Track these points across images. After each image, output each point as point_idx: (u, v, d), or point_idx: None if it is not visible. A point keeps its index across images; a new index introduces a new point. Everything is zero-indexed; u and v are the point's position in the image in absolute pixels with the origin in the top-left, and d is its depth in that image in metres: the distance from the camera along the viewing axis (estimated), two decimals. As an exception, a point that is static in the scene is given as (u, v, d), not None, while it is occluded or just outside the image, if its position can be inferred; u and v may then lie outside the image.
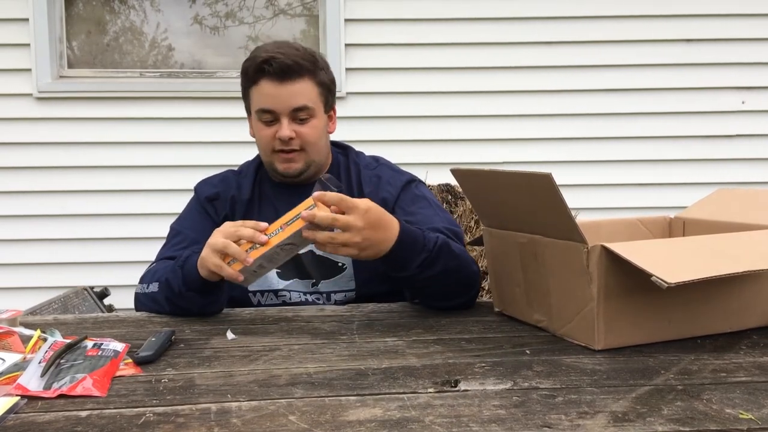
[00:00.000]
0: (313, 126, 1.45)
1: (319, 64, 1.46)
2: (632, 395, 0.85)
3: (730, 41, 3.25)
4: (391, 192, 1.47)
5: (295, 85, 1.41)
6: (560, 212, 1.02)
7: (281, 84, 1.40)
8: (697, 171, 3.29)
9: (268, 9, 3.32)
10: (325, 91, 1.48)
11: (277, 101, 1.41)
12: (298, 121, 1.43)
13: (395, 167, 1.58)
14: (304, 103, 1.42)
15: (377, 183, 1.50)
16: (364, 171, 1.53)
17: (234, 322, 1.25)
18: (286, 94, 1.41)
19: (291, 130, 1.42)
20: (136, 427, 0.77)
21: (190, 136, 3.17)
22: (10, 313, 1.17)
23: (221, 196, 1.51)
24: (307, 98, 1.43)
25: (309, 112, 1.43)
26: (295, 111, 1.42)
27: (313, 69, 1.44)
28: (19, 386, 0.87)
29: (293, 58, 1.40)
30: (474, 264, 1.33)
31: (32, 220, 3.16)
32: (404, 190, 1.49)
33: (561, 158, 3.26)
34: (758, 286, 1.12)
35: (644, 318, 1.04)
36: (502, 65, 3.24)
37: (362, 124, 3.17)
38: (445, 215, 1.47)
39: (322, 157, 1.51)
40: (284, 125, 1.42)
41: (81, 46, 3.29)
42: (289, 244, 1.17)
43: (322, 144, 1.50)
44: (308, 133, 1.44)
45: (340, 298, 1.45)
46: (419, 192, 1.51)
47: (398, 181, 1.50)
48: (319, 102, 1.46)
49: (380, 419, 0.78)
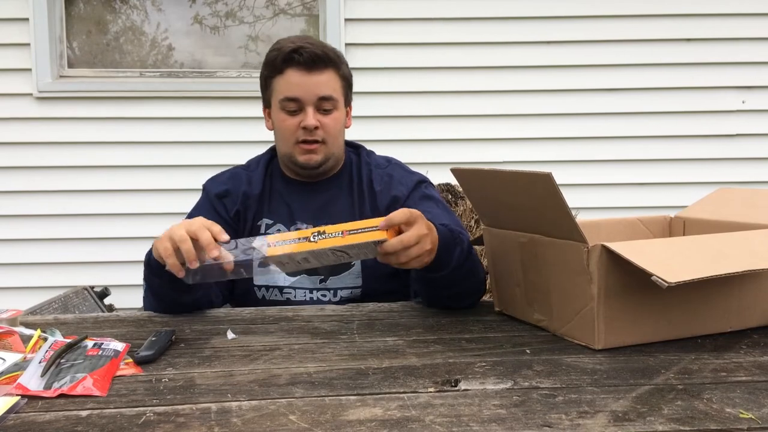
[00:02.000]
0: (336, 118, 1.47)
1: (342, 58, 1.50)
2: (632, 395, 0.85)
3: (730, 41, 3.25)
4: (402, 191, 1.49)
5: (323, 74, 1.44)
6: (560, 212, 1.02)
7: (309, 73, 1.43)
8: (697, 171, 3.29)
9: (268, 9, 3.31)
10: (346, 86, 1.51)
11: (304, 90, 1.43)
12: (323, 111, 1.45)
13: (406, 167, 1.59)
14: (330, 93, 1.45)
15: (389, 182, 1.51)
16: (375, 170, 1.54)
17: (234, 321, 1.25)
18: (313, 83, 1.43)
19: (316, 120, 1.44)
20: (137, 426, 0.77)
21: (190, 135, 3.17)
22: (10, 313, 1.17)
23: (232, 192, 1.51)
24: (333, 89, 1.46)
25: (333, 103, 1.46)
26: (320, 100, 1.44)
27: (337, 62, 1.48)
28: (20, 386, 0.87)
29: (322, 49, 1.44)
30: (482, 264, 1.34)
31: (32, 220, 3.16)
32: (415, 189, 1.51)
33: (561, 158, 3.26)
34: (758, 286, 1.12)
35: (644, 317, 1.04)
36: (502, 65, 3.24)
37: (362, 123, 3.15)
38: (453, 217, 1.48)
39: (340, 151, 1.53)
40: (309, 114, 1.43)
41: (81, 45, 3.29)
42: (342, 252, 1.11)
43: (341, 138, 1.52)
44: (331, 124, 1.46)
45: (346, 294, 1.45)
46: (429, 192, 1.52)
47: (410, 181, 1.52)
48: (341, 95, 1.49)
49: (380, 419, 0.78)
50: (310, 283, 1.45)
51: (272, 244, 1.10)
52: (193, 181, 1.60)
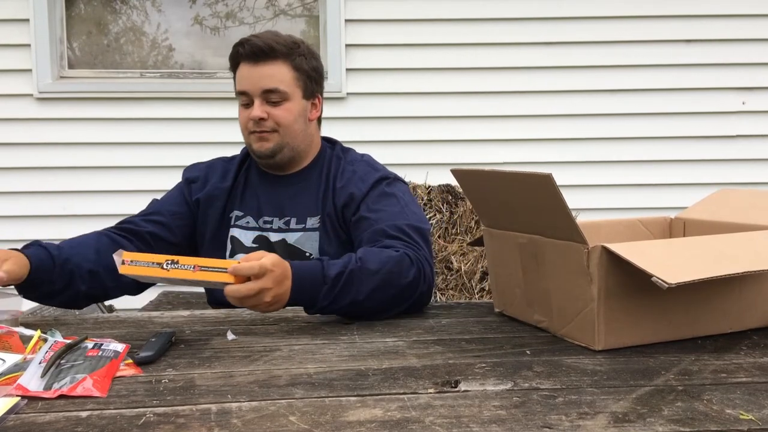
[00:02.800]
0: (287, 109, 1.48)
1: (299, 50, 1.50)
2: (632, 396, 0.85)
3: (730, 41, 3.25)
4: (360, 188, 1.47)
5: (266, 67, 1.46)
6: (560, 212, 1.02)
7: (254, 66, 1.46)
8: (697, 171, 3.29)
9: (269, 9, 3.32)
10: (303, 77, 1.50)
11: (249, 82, 1.46)
12: (271, 103, 1.47)
13: (376, 164, 1.57)
14: (275, 86, 1.46)
15: (350, 178, 1.50)
16: (343, 165, 1.54)
17: (234, 322, 1.25)
18: (257, 75, 1.46)
19: (263, 111, 1.46)
20: (137, 427, 0.77)
21: (191, 136, 3.17)
22: (10, 313, 1.17)
23: (200, 180, 1.56)
24: (278, 80, 1.46)
25: (281, 94, 1.47)
26: (266, 92, 1.46)
27: (288, 53, 1.47)
28: (20, 387, 0.87)
29: (267, 42, 1.46)
30: (413, 276, 1.26)
31: (32, 220, 3.16)
32: (374, 187, 1.48)
33: (561, 158, 3.26)
34: (758, 287, 1.12)
35: (644, 318, 1.04)
36: (502, 65, 3.24)
37: (362, 124, 3.18)
38: (414, 213, 1.44)
39: (298, 141, 1.52)
40: (256, 105, 1.47)
41: (81, 46, 3.29)
42: (195, 281, 1.13)
43: (298, 128, 1.51)
44: (280, 115, 1.47)
45: None
46: (390, 190, 1.49)
47: (370, 178, 1.49)
48: (294, 86, 1.49)
49: (380, 420, 0.78)
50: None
51: (126, 262, 1.11)
52: (193, 182, 1.61)
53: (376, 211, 1.42)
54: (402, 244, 1.32)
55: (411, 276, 1.26)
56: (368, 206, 1.44)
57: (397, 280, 1.25)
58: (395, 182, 1.53)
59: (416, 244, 1.34)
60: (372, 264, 1.24)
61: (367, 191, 1.47)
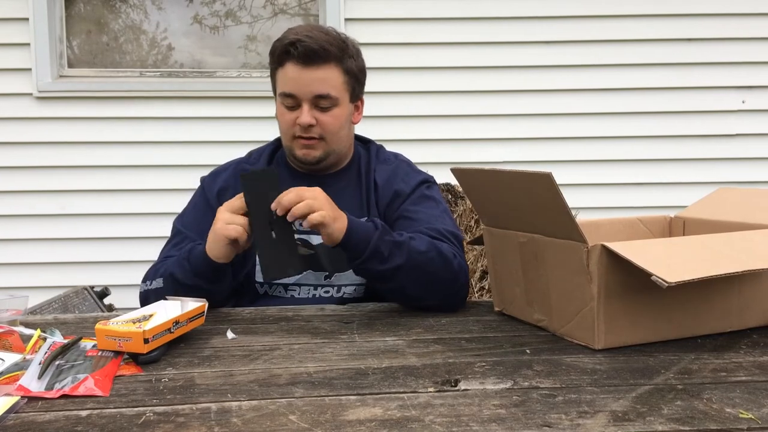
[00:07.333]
0: (335, 115, 1.42)
1: (348, 51, 1.43)
2: (632, 395, 0.85)
3: (730, 41, 3.25)
4: (404, 188, 1.48)
5: (320, 71, 1.38)
6: (560, 212, 1.02)
7: (305, 69, 1.38)
8: (697, 170, 3.29)
9: (267, 8, 3.31)
10: (352, 80, 1.45)
11: (299, 86, 1.39)
12: (320, 108, 1.40)
13: (413, 165, 1.58)
14: (327, 91, 1.39)
15: (392, 176, 1.50)
16: (380, 165, 1.53)
17: (234, 321, 1.25)
18: (309, 79, 1.38)
19: (312, 117, 1.39)
20: (137, 426, 0.77)
21: (190, 135, 3.17)
22: (10, 313, 1.17)
23: (230, 188, 1.47)
24: (331, 86, 1.40)
25: (331, 100, 1.41)
26: (317, 98, 1.39)
27: (340, 55, 1.40)
28: (21, 387, 0.87)
29: (320, 43, 1.37)
30: (453, 271, 1.31)
31: (32, 220, 3.16)
32: (417, 188, 1.49)
33: (561, 158, 3.26)
34: (758, 286, 1.12)
35: (644, 317, 1.04)
36: (503, 65, 3.23)
37: (362, 123, 3.16)
38: (450, 220, 1.47)
39: (343, 147, 1.49)
40: (305, 112, 1.39)
41: (81, 45, 3.28)
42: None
43: (344, 134, 1.47)
44: (329, 122, 1.41)
45: (349, 291, 1.44)
46: (430, 193, 1.51)
47: (413, 180, 1.50)
48: (343, 91, 1.43)
49: (380, 419, 0.78)
50: (315, 279, 1.44)
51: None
52: (193, 181, 1.59)
53: (416, 212, 1.43)
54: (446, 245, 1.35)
55: (452, 269, 1.31)
56: (409, 207, 1.45)
57: (441, 266, 1.29)
58: (433, 186, 1.55)
59: (457, 249, 1.36)
60: (421, 245, 1.29)
61: (410, 192, 1.47)
